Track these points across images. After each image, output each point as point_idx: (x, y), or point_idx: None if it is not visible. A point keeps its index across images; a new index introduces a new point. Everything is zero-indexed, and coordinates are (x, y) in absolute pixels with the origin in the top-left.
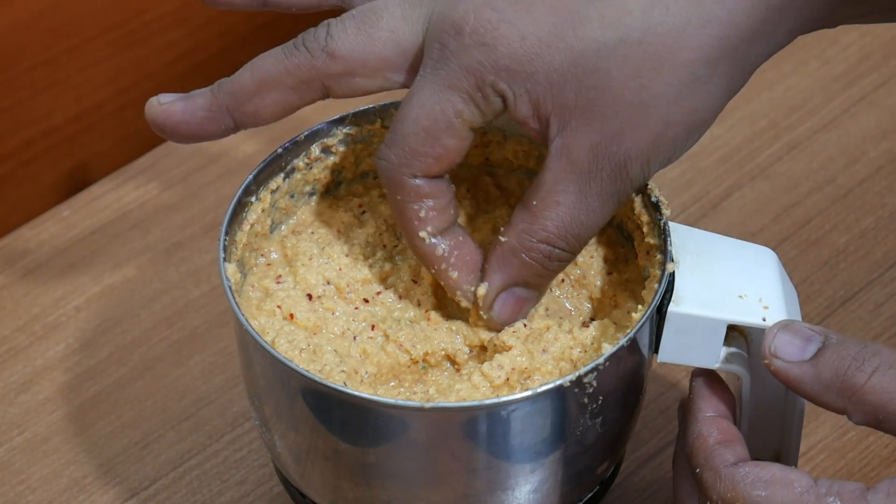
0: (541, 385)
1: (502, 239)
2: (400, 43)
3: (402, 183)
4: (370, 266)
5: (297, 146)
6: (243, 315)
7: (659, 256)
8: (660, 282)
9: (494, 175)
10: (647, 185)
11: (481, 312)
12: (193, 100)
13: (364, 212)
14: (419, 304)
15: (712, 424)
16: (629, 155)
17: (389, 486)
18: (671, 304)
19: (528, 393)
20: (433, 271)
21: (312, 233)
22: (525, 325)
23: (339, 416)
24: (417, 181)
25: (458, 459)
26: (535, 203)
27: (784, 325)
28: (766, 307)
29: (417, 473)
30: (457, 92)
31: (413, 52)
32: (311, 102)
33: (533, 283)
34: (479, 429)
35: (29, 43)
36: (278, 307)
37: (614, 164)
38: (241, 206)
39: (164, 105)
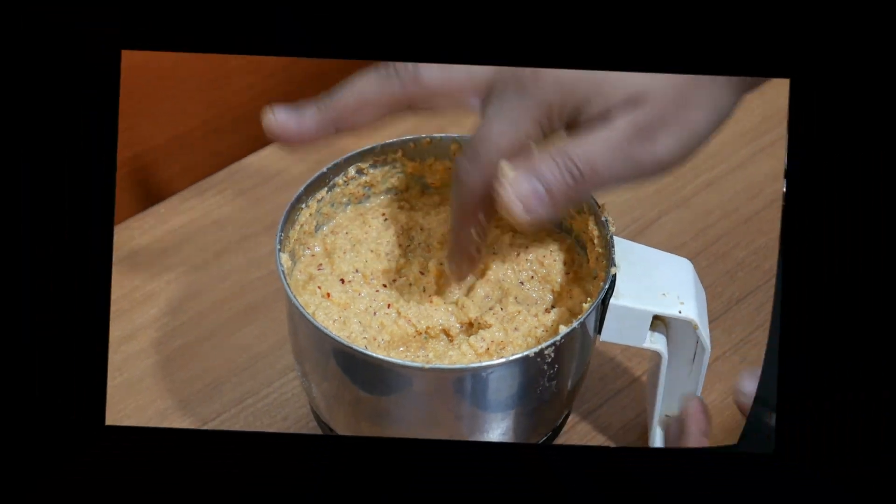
0: (512, 354)
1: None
2: (473, 77)
3: (478, 192)
4: (389, 260)
5: (337, 167)
6: (292, 293)
7: (605, 262)
8: (605, 281)
9: None
10: (599, 205)
11: (504, 183)
12: (304, 116)
13: (386, 219)
14: (424, 290)
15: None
16: (661, 139)
17: (396, 426)
18: (612, 297)
19: (503, 360)
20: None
21: (347, 233)
22: (502, 309)
23: (361, 372)
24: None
25: (448, 408)
26: (579, 130)
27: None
28: (682, 303)
29: (418, 417)
30: (531, 121)
31: (483, 85)
32: (396, 114)
33: (546, 179)
34: (465, 386)
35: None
36: (318, 288)
37: (646, 140)
38: (293, 211)
39: (280, 120)
